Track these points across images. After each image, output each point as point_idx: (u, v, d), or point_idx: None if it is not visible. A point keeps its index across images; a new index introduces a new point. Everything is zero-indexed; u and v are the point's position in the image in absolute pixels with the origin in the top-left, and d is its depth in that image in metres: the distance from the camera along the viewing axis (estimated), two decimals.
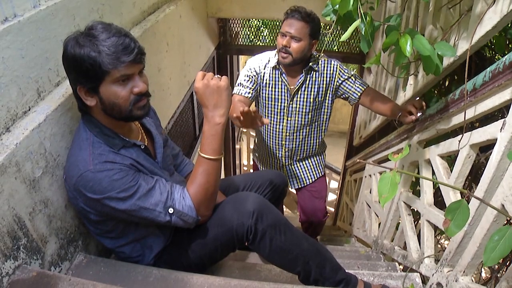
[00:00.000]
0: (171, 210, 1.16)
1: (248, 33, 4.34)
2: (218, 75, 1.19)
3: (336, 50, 3.70)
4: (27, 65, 1.12)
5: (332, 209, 5.41)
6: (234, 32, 3.84)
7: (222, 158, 1.27)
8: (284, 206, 5.91)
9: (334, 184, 5.85)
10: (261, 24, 4.37)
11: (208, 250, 1.29)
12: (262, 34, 4.59)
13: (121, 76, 1.05)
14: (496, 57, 1.95)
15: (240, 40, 3.94)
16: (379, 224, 2.36)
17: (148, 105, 1.16)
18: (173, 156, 1.52)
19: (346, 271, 1.42)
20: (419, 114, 1.69)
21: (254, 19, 3.98)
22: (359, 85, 1.99)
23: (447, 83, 2.17)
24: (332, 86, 2.03)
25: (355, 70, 4.89)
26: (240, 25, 3.86)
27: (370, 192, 2.69)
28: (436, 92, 2.18)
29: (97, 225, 1.23)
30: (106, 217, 1.18)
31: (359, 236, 2.92)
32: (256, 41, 4.51)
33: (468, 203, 1.24)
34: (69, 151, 1.17)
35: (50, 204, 1.17)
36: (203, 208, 1.22)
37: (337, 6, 1.25)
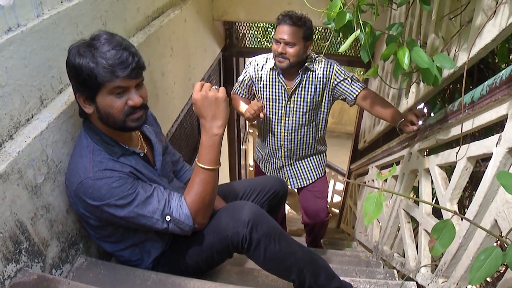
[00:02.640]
0: (168, 218, 1.18)
1: (256, 33, 4.34)
2: (216, 86, 1.20)
3: (342, 53, 3.69)
4: (30, 74, 1.14)
5: (337, 211, 5.41)
6: (241, 34, 3.84)
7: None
8: (289, 207, 5.93)
9: (340, 186, 5.84)
10: (269, 25, 4.37)
11: (204, 257, 1.32)
12: (270, 35, 4.59)
13: (116, 88, 1.07)
14: (503, 65, 1.92)
15: (247, 41, 3.94)
16: (380, 230, 2.37)
17: (143, 117, 1.18)
18: (173, 162, 1.54)
19: (344, 278, 1.43)
20: (420, 123, 1.69)
21: None
22: (356, 86, 2.01)
23: (450, 89, 2.15)
24: (328, 86, 2.05)
25: (362, 73, 4.86)
26: (247, 27, 3.86)
27: None
28: (439, 100, 2.16)
29: (96, 229, 1.25)
30: (106, 223, 1.21)
31: (361, 240, 2.93)
32: (264, 41, 4.51)
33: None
34: (70, 158, 1.20)
35: (51, 209, 1.20)
36: (200, 216, 1.24)
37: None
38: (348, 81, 2.01)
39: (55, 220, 1.22)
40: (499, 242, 1.05)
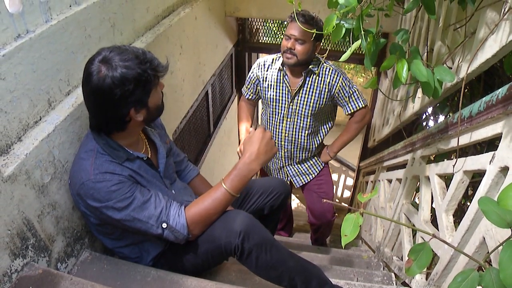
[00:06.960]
0: (164, 225, 1.23)
1: (271, 27, 4.32)
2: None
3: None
4: (38, 78, 1.18)
5: (346, 205, 5.40)
6: (255, 29, 3.83)
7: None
8: (298, 200, 5.96)
9: (350, 182, 5.83)
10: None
11: (200, 261, 1.36)
12: (285, 29, 4.54)
13: (159, 81, 1.22)
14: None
15: (261, 35, 3.93)
16: (383, 231, 2.38)
17: None
18: (177, 162, 1.58)
19: (340, 280, 1.47)
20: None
21: None
22: (357, 103, 2.10)
23: (458, 94, 2.13)
24: (331, 94, 2.10)
25: (374, 70, 4.80)
26: (260, 22, 3.84)
27: (378, 197, 2.70)
28: (448, 103, 2.14)
29: (97, 227, 1.31)
30: (105, 222, 1.26)
31: (366, 239, 2.94)
32: (280, 35, 4.49)
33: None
34: (74, 159, 1.24)
35: (58, 207, 1.25)
36: (197, 229, 1.29)
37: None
38: (353, 96, 2.09)
39: (61, 217, 1.28)
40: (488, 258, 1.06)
